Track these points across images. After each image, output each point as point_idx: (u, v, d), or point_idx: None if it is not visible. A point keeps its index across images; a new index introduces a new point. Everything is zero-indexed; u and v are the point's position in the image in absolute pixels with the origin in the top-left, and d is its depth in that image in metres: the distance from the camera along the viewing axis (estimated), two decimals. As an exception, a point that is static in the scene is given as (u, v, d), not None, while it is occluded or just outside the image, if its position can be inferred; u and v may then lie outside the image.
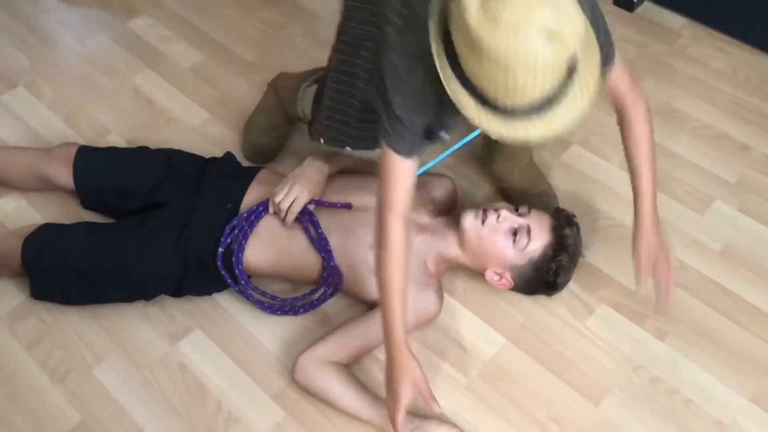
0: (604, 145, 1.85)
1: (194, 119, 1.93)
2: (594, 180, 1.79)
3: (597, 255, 1.63)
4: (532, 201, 1.59)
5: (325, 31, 2.13)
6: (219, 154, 1.70)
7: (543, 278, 1.44)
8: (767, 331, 1.51)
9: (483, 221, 1.42)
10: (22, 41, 2.14)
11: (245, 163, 1.70)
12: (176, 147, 1.75)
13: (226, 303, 1.55)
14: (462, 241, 1.45)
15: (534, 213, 1.45)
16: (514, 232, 1.41)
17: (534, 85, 0.88)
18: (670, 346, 1.49)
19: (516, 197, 1.67)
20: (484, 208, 1.45)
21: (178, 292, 1.52)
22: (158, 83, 2.01)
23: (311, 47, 2.10)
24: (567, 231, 1.44)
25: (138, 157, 1.63)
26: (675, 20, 2.17)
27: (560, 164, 1.82)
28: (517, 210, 1.45)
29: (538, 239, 1.41)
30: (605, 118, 1.91)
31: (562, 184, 1.77)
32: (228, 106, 1.96)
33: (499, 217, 1.42)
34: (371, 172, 1.65)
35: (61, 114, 1.93)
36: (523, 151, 1.65)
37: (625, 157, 1.37)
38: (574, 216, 1.49)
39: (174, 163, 1.61)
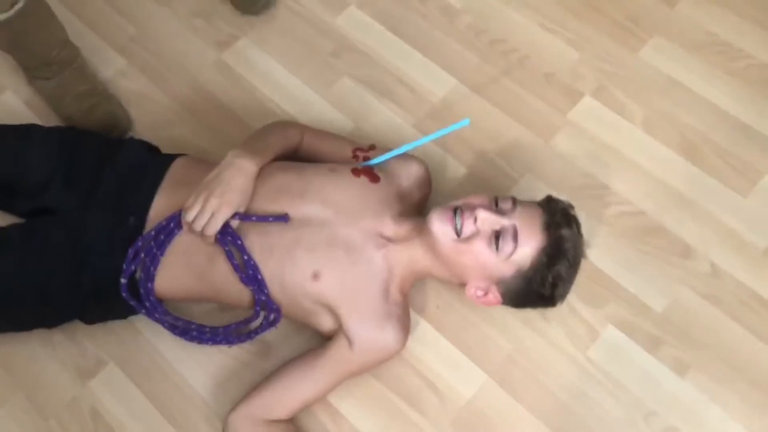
0: (624, 96, 1.46)
1: (108, 69, 1.54)
2: (608, 146, 1.41)
3: (604, 255, 1.30)
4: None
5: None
6: (139, 116, 1.35)
7: (537, 291, 1.12)
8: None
9: (457, 231, 1.08)
10: None
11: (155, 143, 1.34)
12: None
13: (146, 328, 1.27)
14: (433, 251, 1.12)
15: (520, 208, 1.09)
16: (497, 237, 1.08)
17: None
18: (691, 384, 1.19)
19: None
20: (455, 207, 1.10)
21: (83, 319, 1.24)
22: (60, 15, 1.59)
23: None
24: (565, 231, 1.09)
25: (23, 139, 1.28)
26: None
27: (565, 123, 1.43)
28: (497, 204, 1.10)
29: (528, 244, 1.07)
30: (628, 55, 1.51)
31: (566, 150, 1.40)
32: (147, 47, 1.56)
33: (476, 220, 1.08)
34: (310, 158, 1.30)
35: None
36: None
37: None
38: (572, 207, 1.14)
39: (67, 151, 1.26)
